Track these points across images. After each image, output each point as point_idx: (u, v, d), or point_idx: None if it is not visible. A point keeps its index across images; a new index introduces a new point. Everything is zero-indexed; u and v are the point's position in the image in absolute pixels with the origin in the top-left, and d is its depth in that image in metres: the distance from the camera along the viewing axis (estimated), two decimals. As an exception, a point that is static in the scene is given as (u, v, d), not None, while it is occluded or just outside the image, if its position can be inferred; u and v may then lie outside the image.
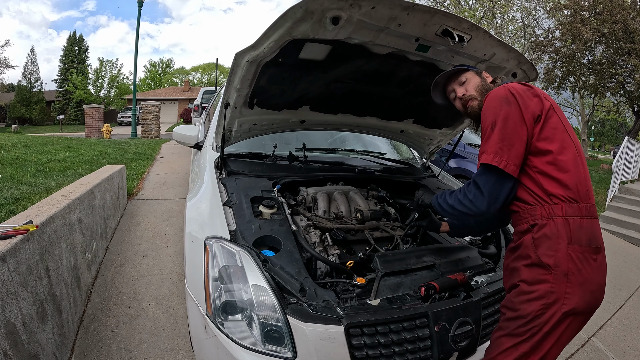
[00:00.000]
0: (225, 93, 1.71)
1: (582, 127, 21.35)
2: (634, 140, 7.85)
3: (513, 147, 1.11)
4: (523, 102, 1.14)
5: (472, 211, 1.21)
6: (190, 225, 1.59)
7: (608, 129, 42.25)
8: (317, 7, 1.24)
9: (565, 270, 1.07)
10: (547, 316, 1.08)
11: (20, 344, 1.35)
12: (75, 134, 14.06)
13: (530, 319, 1.09)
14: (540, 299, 1.08)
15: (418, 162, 2.83)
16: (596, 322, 2.85)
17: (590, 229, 1.12)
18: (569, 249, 1.07)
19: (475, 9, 14.98)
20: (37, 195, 3.33)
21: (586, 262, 1.08)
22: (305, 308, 1.21)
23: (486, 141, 1.17)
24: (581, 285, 1.07)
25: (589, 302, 1.09)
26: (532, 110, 1.14)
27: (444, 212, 1.35)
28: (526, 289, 1.12)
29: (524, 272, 1.14)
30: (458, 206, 1.25)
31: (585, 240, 1.09)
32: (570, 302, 1.06)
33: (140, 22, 12.12)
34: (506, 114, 1.13)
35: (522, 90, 1.17)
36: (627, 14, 9.56)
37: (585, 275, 1.07)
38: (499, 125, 1.13)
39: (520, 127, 1.12)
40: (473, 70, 1.39)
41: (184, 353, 2.01)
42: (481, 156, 1.16)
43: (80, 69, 34.18)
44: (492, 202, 1.15)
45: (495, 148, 1.12)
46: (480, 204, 1.17)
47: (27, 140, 7.05)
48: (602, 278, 1.13)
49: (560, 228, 1.09)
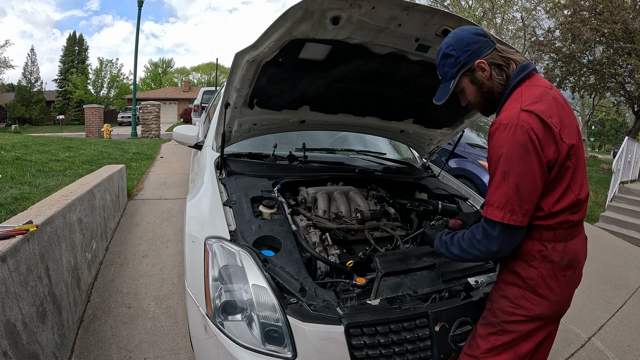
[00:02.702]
0: (225, 93, 1.71)
1: (582, 127, 21.35)
2: (634, 140, 7.85)
3: (530, 202, 1.04)
4: (542, 149, 1.02)
5: (485, 257, 1.18)
6: (190, 225, 1.59)
7: (608, 129, 42.25)
8: (317, 7, 1.24)
9: (534, 284, 1.12)
10: (516, 317, 1.14)
11: (20, 344, 1.35)
12: (75, 134, 14.05)
13: (502, 314, 1.16)
14: (511, 300, 1.15)
15: (418, 162, 2.83)
16: (596, 322, 2.85)
17: (567, 249, 1.12)
18: (540, 267, 1.12)
19: (475, 9, 14.98)
20: (37, 195, 3.33)
21: (554, 278, 1.12)
22: (305, 308, 1.21)
23: (496, 190, 1.05)
24: (547, 298, 1.12)
25: (554, 311, 1.15)
26: (549, 159, 1.04)
27: (451, 257, 1.27)
28: (502, 287, 1.19)
29: (504, 272, 1.21)
30: (468, 256, 1.19)
31: (558, 259, 1.11)
32: (537, 310, 1.12)
33: (140, 22, 12.13)
34: (523, 170, 1.01)
35: (542, 134, 1.02)
36: (627, 14, 9.56)
37: (553, 289, 1.12)
38: (516, 180, 1.02)
39: (540, 181, 1.04)
40: (463, 75, 1.18)
41: (184, 353, 2.01)
42: (492, 211, 1.06)
43: (80, 69, 34.20)
44: (507, 251, 1.12)
45: (512, 206, 1.03)
46: (499, 254, 1.13)
47: (27, 140, 7.05)
48: (571, 289, 1.18)
49: (534, 247, 1.13)
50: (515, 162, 1.02)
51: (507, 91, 1.14)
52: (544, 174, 1.04)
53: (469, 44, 1.14)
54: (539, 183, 1.04)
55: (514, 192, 1.02)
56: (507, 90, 1.14)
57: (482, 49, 1.14)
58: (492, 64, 1.14)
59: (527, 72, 1.13)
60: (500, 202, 1.04)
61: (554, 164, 1.05)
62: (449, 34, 1.20)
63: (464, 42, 1.14)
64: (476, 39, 1.14)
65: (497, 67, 1.14)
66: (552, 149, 1.03)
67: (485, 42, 1.14)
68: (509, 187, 1.03)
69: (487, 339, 1.18)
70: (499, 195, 1.05)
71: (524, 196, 1.03)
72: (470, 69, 1.15)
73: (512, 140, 1.02)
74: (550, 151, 1.03)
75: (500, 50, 1.15)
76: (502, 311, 1.16)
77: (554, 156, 1.04)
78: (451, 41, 1.17)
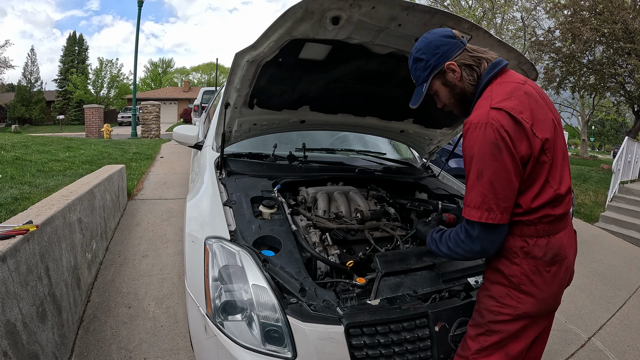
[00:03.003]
0: (225, 93, 1.71)
1: (582, 127, 21.36)
2: (634, 140, 7.86)
3: (507, 199, 1.03)
4: (514, 146, 1.01)
5: (472, 256, 1.18)
6: (190, 225, 1.59)
7: (608, 129, 42.26)
8: (317, 7, 1.24)
9: (518, 281, 1.10)
10: (502, 317, 1.12)
11: (20, 344, 1.35)
12: (75, 134, 14.06)
13: (488, 314, 1.15)
14: (497, 299, 1.13)
15: (418, 162, 2.83)
16: (596, 322, 2.85)
17: (550, 244, 1.10)
18: (523, 263, 1.10)
19: (475, 8, 14.98)
20: (37, 195, 3.33)
21: (538, 274, 1.09)
22: (305, 308, 1.21)
23: (472, 190, 1.05)
24: (533, 295, 1.10)
25: (541, 308, 1.12)
26: (522, 155, 1.02)
27: (442, 255, 1.27)
28: (487, 286, 1.18)
29: (488, 271, 1.20)
30: (455, 255, 1.19)
31: (541, 254, 1.09)
32: (523, 308, 1.10)
33: (140, 22, 12.13)
34: (497, 168, 1.01)
35: (513, 130, 1.01)
36: (627, 14, 9.56)
37: (537, 285, 1.10)
38: (490, 178, 1.02)
39: (514, 178, 1.03)
40: (435, 78, 1.19)
41: (184, 353, 2.01)
42: (470, 211, 1.06)
43: (80, 69, 34.21)
44: (492, 250, 1.11)
45: (489, 204, 1.03)
46: (483, 254, 1.14)
47: (27, 140, 7.05)
48: (558, 286, 1.13)
49: (516, 244, 1.11)
50: (487, 160, 1.01)
51: (479, 90, 1.14)
52: (519, 171, 1.03)
53: (438, 46, 1.15)
54: (514, 180, 1.03)
55: (489, 191, 1.02)
56: (478, 89, 1.14)
57: (451, 51, 1.14)
58: (463, 65, 1.14)
59: (497, 69, 1.12)
60: (476, 201, 1.05)
61: (527, 159, 1.03)
62: (419, 39, 1.21)
63: (432, 46, 1.16)
64: (445, 42, 1.15)
65: (468, 67, 1.15)
66: (525, 144, 1.02)
67: (454, 44, 1.15)
68: (483, 186, 1.03)
69: (477, 340, 1.17)
70: (474, 194, 1.05)
71: (499, 194, 1.02)
72: (440, 72, 1.16)
73: (482, 139, 1.02)
74: (522, 147, 1.02)
75: (471, 50, 1.16)
76: (489, 311, 1.15)
77: (527, 152, 1.03)
78: (421, 45, 1.18)
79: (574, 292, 3.30)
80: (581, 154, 20.23)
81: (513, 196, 1.05)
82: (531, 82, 1.16)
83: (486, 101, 1.07)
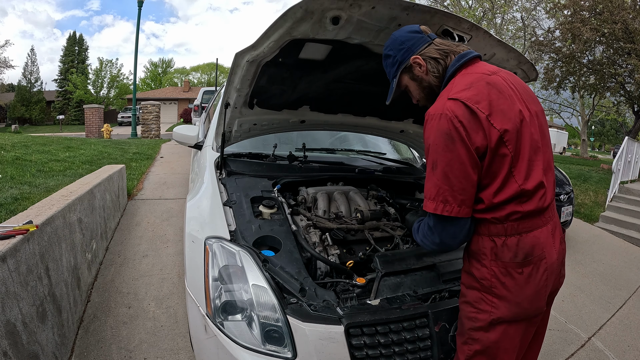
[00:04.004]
0: (225, 93, 1.71)
1: (582, 127, 21.35)
2: (634, 140, 7.86)
3: (464, 192, 1.00)
4: (469, 137, 0.98)
5: (438, 249, 1.16)
6: (190, 225, 1.59)
7: (608, 129, 42.27)
8: (317, 7, 1.24)
9: (489, 284, 1.07)
10: (479, 323, 1.09)
11: (20, 344, 1.35)
12: (75, 134, 14.05)
13: (467, 321, 1.12)
14: (472, 305, 1.11)
15: (418, 162, 2.83)
16: (596, 322, 2.85)
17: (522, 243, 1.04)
18: (492, 265, 1.06)
19: (475, 8, 14.97)
20: (37, 195, 3.34)
21: (509, 276, 1.04)
22: (305, 308, 1.21)
23: (428, 181, 1.04)
24: (505, 299, 1.05)
25: (516, 313, 1.06)
26: (477, 146, 0.99)
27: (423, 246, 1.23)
28: (464, 291, 1.16)
29: (463, 275, 1.17)
30: (426, 246, 1.18)
31: (510, 254, 1.04)
32: (497, 312, 1.06)
33: (140, 22, 12.14)
34: (450, 159, 0.99)
35: (467, 120, 0.98)
36: (627, 14, 9.56)
37: (509, 288, 1.05)
38: (444, 169, 1.00)
39: (471, 169, 0.99)
40: (403, 73, 1.20)
41: (184, 353, 2.01)
42: (426, 202, 1.04)
43: (80, 69, 34.20)
44: (454, 244, 1.09)
45: (443, 196, 1.00)
46: (444, 247, 1.12)
47: (27, 140, 7.05)
48: (535, 288, 1.05)
49: (485, 244, 1.08)
50: (441, 151, 1.00)
51: (444, 83, 1.13)
52: (475, 162, 1.00)
53: (403, 42, 1.16)
54: (470, 172, 0.99)
55: (443, 182, 1.00)
56: (443, 81, 1.14)
57: (416, 45, 1.15)
58: (428, 58, 1.14)
59: (463, 61, 1.10)
60: (431, 193, 1.03)
61: (484, 150, 1.00)
62: (390, 36, 1.23)
63: (398, 41, 1.17)
64: (410, 36, 1.16)
65: (434, 60, 1.14)
66: (480, 135, 0.98)
67: (419, 38, 1.15)
68: (437, 177, 1.01)
69: (462, 350, 1.14)
70: (430, 185, 1.04)
71: (455, 186, 1.00)
72: (407, 66, 1.17)
73: (437, 129, 1.00)
74: (478, 138, 0.98)
75: (438, 44, 1.15)
76: (467, 318, 1.11)
77: (483, 143, 0.99)
78: (389, 42, 1.21)
79: (574, 292, 3.30)
80: (581, 154, 20.23)
81: (471, 189, 1.01)
82: (504, 73, 1.12)
83: (446, 92, 1.06)
